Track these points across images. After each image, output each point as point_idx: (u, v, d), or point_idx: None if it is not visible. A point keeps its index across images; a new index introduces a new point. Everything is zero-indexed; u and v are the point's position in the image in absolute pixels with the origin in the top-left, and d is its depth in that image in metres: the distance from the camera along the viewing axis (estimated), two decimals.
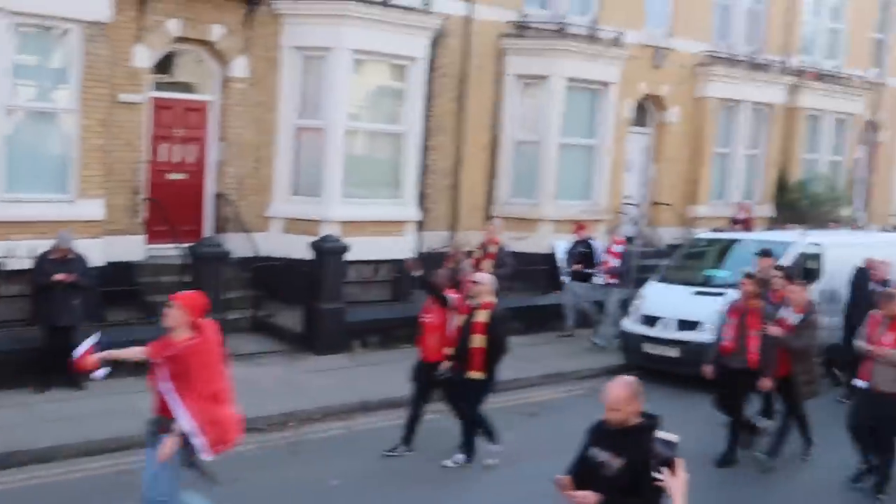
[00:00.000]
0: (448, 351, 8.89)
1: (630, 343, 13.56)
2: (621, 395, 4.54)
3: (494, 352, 8.70)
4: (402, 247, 15.13)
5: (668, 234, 19.68)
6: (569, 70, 17.17)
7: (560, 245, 16.24)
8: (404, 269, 13.62)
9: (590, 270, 14.98)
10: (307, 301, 13.13)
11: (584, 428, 4.91)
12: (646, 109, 19.99)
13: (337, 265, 13.24)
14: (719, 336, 9.57)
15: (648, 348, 13.19)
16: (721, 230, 17.55)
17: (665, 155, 20.18)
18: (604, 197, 18.29)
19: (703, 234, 16.59)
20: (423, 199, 16.22)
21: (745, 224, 18.54)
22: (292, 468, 8.96)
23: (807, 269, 13.46)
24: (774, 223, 20.64)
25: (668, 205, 20.07)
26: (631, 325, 13.65)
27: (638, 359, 13.16)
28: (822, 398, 10.04)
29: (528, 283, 16.12)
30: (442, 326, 9.14)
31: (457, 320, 8.93)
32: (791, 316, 9.36)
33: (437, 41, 15.87)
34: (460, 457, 9.08)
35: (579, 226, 15.66)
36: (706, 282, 13.83)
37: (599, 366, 13.52)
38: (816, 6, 23.05)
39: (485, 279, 8.98)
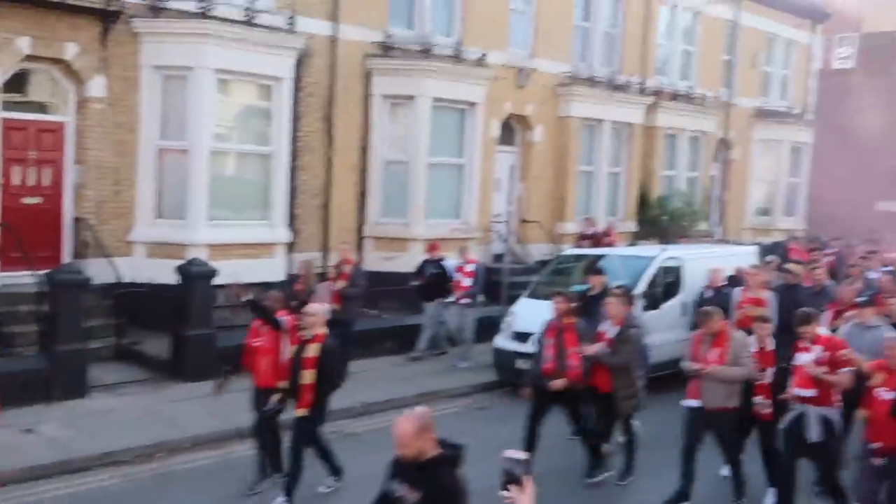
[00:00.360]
0: (282, 384, 8.47)
1: (503, 360, 13.62)
2: (407, 430, 4.38)
3: (325, 387, 8.25)
4: (272, 269, 14.89)
5: (537, 251, 20.07)
6: (435, 90, 17.35)
7: (447, 264, 16.11)
8: (230, 295, 12.63)
9: (469, 293, 14.77)
10: (174, 327, 12.72)
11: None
12: (512, 128, 20.40)
13: (205, 290, 12.89)
14: (539, 358, 9.49)
15: (521, 364, 13.31)
16: (614, 244, 18.08)
17: (532, 173, 20.62)
18: (473, 215, 18.51)
19: (571, 250, 16.99)
20: (292, 220, 16.02)
21: (595, 239, 18.75)
22: (159, 501, 8.62)
23: (668, 283, 13.99)
24: (637, 238, 21.37)
25: (536, 222, 20.49)
26: (503, 341, 13.76)
27: (511, 375, 13.20)
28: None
29: (402, 302, 16.15)
30: (274, 350, 8.76)
31: (289, 350, 8.53)
32: (609, 329, 9.32)
33: (302, 61, 15.76)
34: (330, 479, 8.92)
35: (431, 245, 15.48)
36: (576, 296, 14.13)
37: (474, 383, 13.62)
38: (670, 29, 24.11)
39: (317, 310, 8.47)
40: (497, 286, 16.39)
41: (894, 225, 31.87)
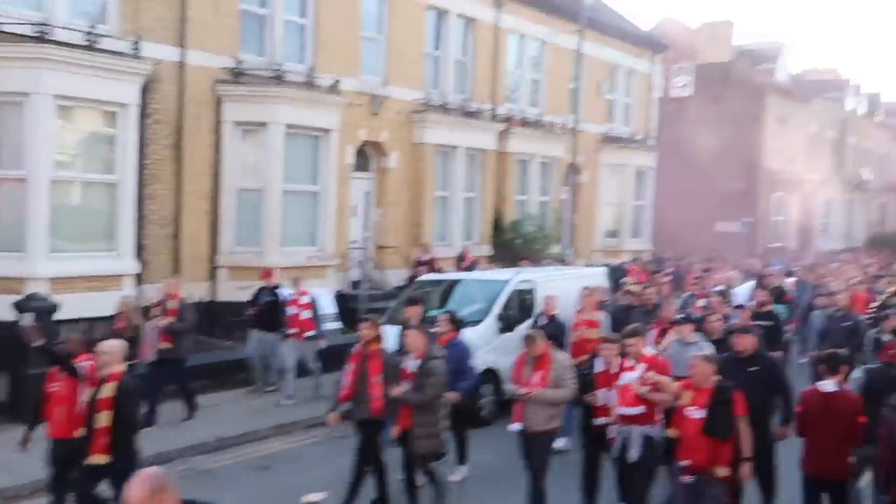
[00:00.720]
0: (78, 433, 7.67)
1: None
2: (139, 495, 3.91)
3: (123, 430, 7.48)
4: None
5: (395, 277, 20.11)
6: (288, 117, 17.18)
7: (321, 293, 15.89)
8: (24, 337, 11.23)
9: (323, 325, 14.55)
10: (12, 367, 12.01)
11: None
12: (367, 155, 20.44)
13: (45, 326, 12.22)
14: (340, 384, 9.09)
15: None
16: (443, 271, 18.22)
17: (388, 199, 20.71)
18: (330, 242, 18.39)
19: (427, 275, 17.10)
20: (141, 250, 15.47)
21: (430, 264, 18.59)
22: None
23: (522, 306, 14.26)
24: (493, 262, 21.74)
25: (393, 248, 20.55)
26: None
27: None
28: None
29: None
30: (71, 398, 8.08)
31: (85, 394, 7.80)
32: (411, 363, 8.69)
33: (149, 87, 15.32)
34: None
35: (265, 272, 14.92)
36: (431, 322, 14.21)
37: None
38: (518, 58, 24.81)
39: (112, 347, 7.74)
40: (354, 313, 16.32)
41: (733, 244, 33.76)
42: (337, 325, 16.73)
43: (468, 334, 13.24)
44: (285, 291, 14.46)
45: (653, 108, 31.34)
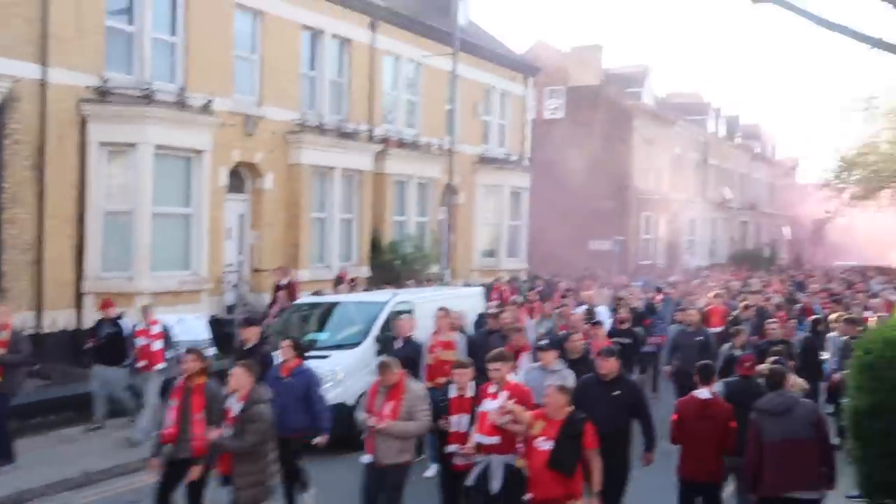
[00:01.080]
0: None
1: None
2: None
3: None
4: None
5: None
6: (157, 137, 16.68)
7: (170, 319, 15.20)
8: None
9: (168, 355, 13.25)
10: None
11: None
12: (241, 176, 20.06)
13: None
14: (160, 423, 8.52)
15: None
16: (321, 293, 17.98)
17: (264, 221, 20.35)
18: (204, 266, 17.92)
19: (305, 298, 16.85)
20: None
21: (289, 288, 17.56)
22: None
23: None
24: (372, 283, 21.61)
25: (269, 270, 20.16)
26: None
27: None
28: None
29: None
30: None
31: None
32: (235, 405, 7.96)
33: (6, 105, 14.62)
34: None
35: (105, 302, 13.78)
36: (310, 346, 13.98)
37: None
38: (394, 79, 24.90)
39: None
40: (230, 338, 15.91)
41: (605, 262, 34.68)
42: (212, 351, 16.27)
43: (346, 358, 13.20)
44: (128, 322, 13.56)
45: (527, 130, 31.98)
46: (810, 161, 35.44)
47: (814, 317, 16.67)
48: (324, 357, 12.67)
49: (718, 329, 15.16)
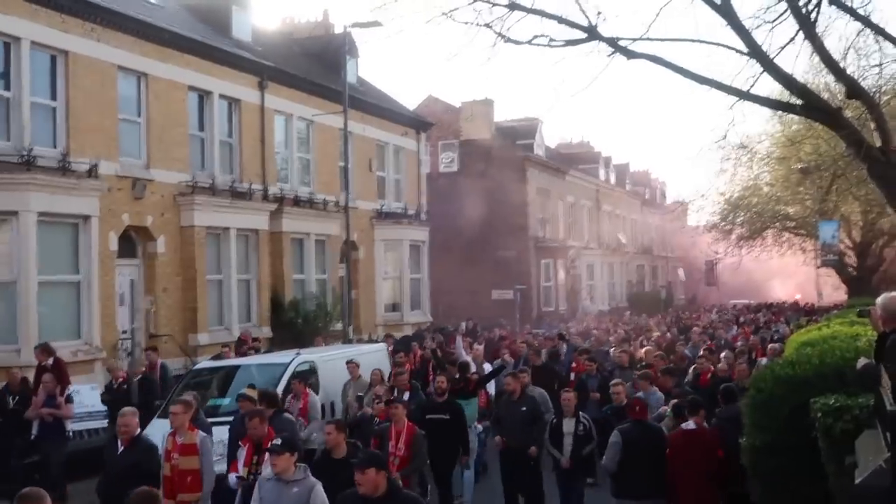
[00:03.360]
0: None
1: None
2: None
3: None
4: None
5: (170, 366, 19.10)
6: (40, 204, 16.22)
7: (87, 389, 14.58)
8: None
9: None
10: None
11: None
12: (132, 240, 19.55)
13: None
14: None
15: None
16: (221, 357, 17.50)
17: (158, 285, 19.84)
18: (96, 334, 17.32)
19: (204, 363, 16.39)
20: None
21: (57, 369, 14.23)
22: None
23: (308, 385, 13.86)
24: (274, 344, 21.19)
25: (166, 336, 19.62)
26: None
27: None
28: None
29: None
30: None
31: None
32: None
33: None
34: None
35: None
36: (212, 412, 13.53)
37: None
38: (286, 138, 24.82)
39: None
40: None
41: (509, 311, 35.00)
42: (104, 423, 15.61)
43: None
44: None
45: (422, 184, 32.23)
46: (698, 205, 36.33)
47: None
48: (225, 423, 12.22)
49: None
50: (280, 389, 13.25)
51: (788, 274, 52.14)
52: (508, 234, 38.13)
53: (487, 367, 16.29)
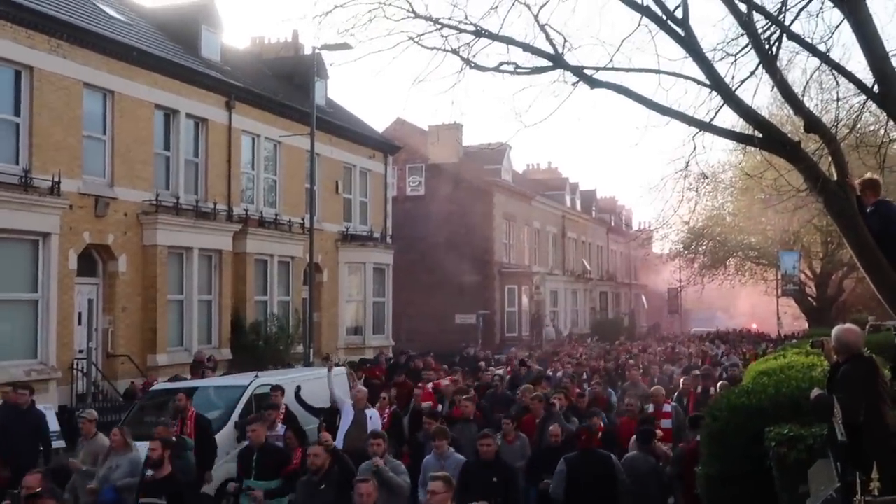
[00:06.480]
0: None
1: None
2: None
3: None
4: None
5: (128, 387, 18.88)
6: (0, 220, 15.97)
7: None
8: None
9: None
10: None
11: None
12: (93, 259, 19.33)
13: None
14: None
15: None
16: (180, 378, 17.29)
17: (118, 304, 19.60)
18: (52, 354, 17.08)
19: (161, 384, 16.18)
20: None
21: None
22: None
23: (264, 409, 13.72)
24: (234, 367, 20.97)
25: (125, 356, 19.36)
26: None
27: None
28: None
29: None
30: None
31: None
32: None
33: None
34: None
35: None
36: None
37: None
38: (253, 158, 24.74)
39: None
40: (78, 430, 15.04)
41: (471, 336, 35.02)
42: (60, 444, 15.33)
43: None
44: None
45: (388, 207, 32.23)
46: (662, 233, 36.53)
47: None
48: None
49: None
50: (237, 413, 13.16)
51: (752, 303, 52.70)
52: (473, 258, 38.16)
53: (370, 414, 12.80)
